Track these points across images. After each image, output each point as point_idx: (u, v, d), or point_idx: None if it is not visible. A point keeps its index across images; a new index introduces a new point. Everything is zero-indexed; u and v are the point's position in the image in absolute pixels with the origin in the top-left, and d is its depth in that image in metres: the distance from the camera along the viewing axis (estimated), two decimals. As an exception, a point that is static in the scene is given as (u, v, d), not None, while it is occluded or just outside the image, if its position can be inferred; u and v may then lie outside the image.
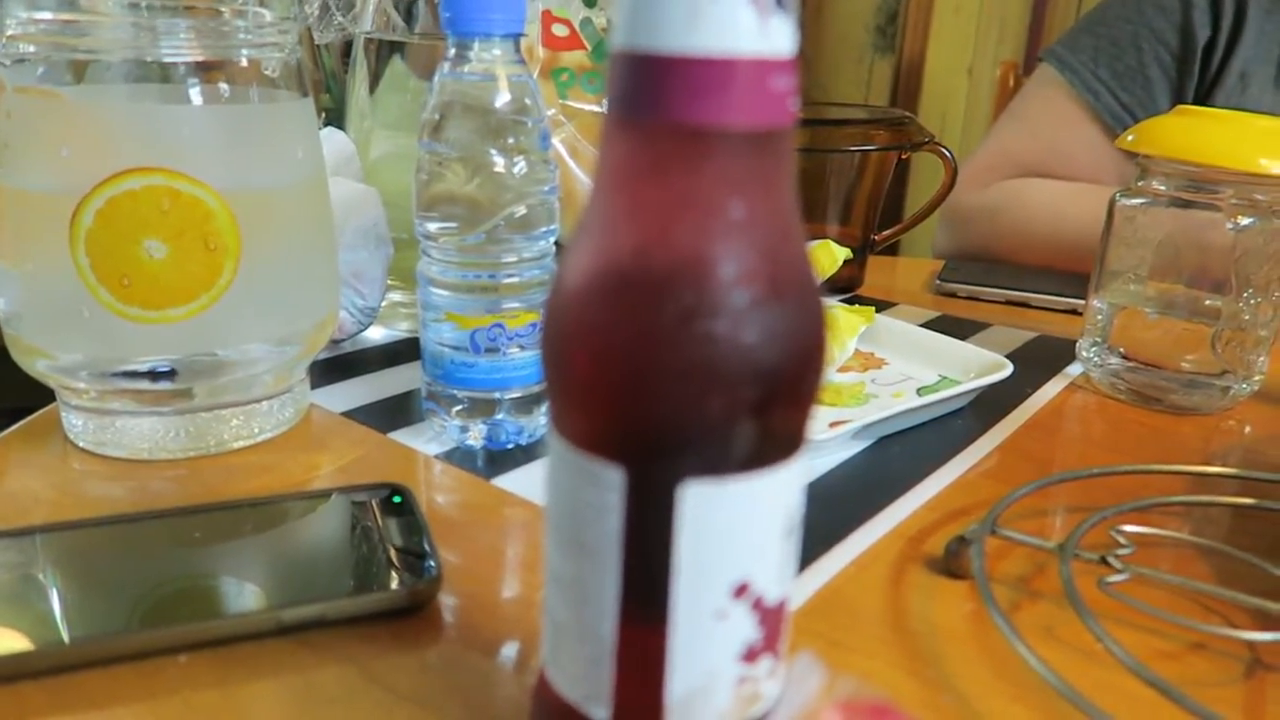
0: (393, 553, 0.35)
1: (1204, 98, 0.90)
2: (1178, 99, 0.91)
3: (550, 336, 0.22)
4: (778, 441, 0.21)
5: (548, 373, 0.23)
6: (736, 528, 0.21)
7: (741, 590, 0.22)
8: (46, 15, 0.39)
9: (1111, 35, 0.92)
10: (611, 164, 0.21)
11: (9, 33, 0.39)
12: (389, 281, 0.59)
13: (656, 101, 0.20)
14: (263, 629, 0.31)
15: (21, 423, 0.48)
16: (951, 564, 0.37)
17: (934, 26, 1.81)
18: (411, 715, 0.29)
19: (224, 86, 0.42)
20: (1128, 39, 0.91)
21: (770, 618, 0.23)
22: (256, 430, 0.46)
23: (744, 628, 0.22)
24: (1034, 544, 0.36)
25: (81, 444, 0.44)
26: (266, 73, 0.44)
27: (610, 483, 0.21)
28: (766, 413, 0.21)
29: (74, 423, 0.44)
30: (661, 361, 0.20)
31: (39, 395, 0.47)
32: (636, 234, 0.21)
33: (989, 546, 0.38)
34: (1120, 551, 0.35)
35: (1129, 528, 0.37)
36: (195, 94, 0.41)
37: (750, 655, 0.23)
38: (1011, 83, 1.27)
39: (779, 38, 0.20)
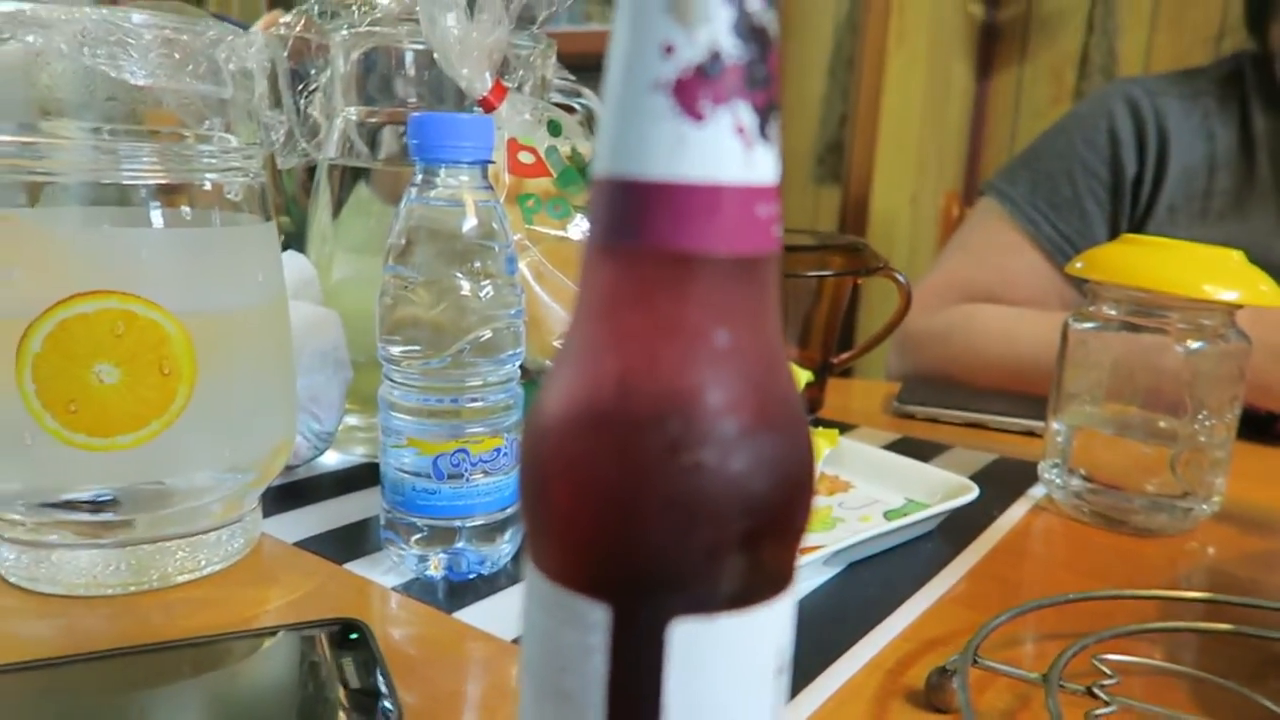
0: (347, 698, 0.33)
1: (1136, 228, 0.94)
2: (1113, 228, 0.95)
3: (530, 467, 0.21)
4: (770, 575, 0.20)
5: (526, 505, 0.22)
6: (729, 668, 0.20)
7: (733, 737, 0.20)
8: (5, 137, 0.39)
9: (1047, 170, 0.97)
10: (594, 290, 0.21)
11: (-35, 155, 0.38)
12: (346, 405, 0.57)
13: (641, 228, 0.20)
14: (205, 785, 0.29)
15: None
16: (934, 697, 0.36)
17: (877, 156, 1.88)
18: None
19: (185, 209, 0.42)
20: (1062, 173, 0.96)
21: (763, 766, 0.21)
22: (203, 563, 0.44)
23: (736, 778, 0.21)
24: (1018, 675, 0.35)
25: (13, 579, 0.42)
26: (229, 196, 0.44)
27: (595, 622, 0.20)
28: (758, 545, 0.20)
29: (6, 556, 0.42)
30: (649, 494, 0.19)
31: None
32: (620, 362, 0.20)
33: (969, 677, 0.37)
34: (1105, 682, 0.34)
35: (1111, 656, 0.36)
36: (155, 216, 0.41)
37: (742, 808, 0.21)
38: (956, 212, 1.31)
39: (763, 166, 0.20)
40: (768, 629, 0.21)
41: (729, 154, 0.19)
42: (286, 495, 0.53)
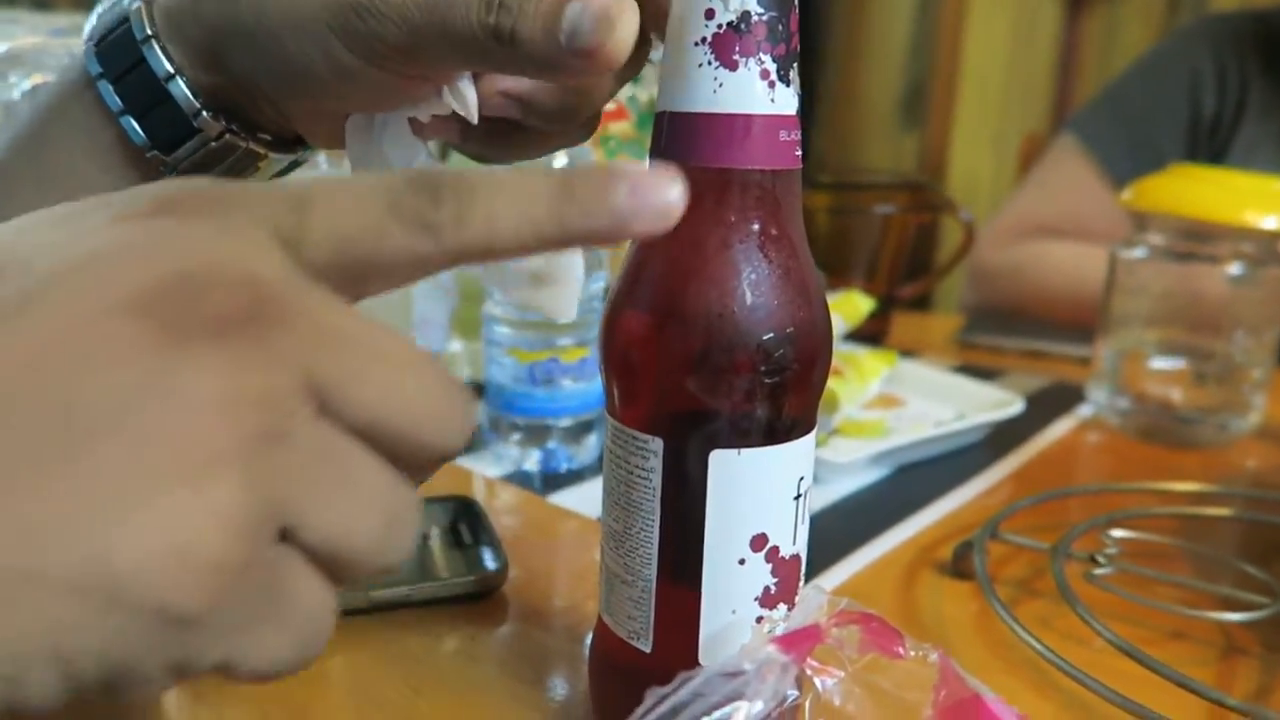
0: (465, 549, 0.41)
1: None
2: None
3: (607, 336, 0.28)
4: (789, 419, 0.27)
5: (605, 368, 0.28)
6: (755, 490, 0.26)
7: (759, 542, 0.27)
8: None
9: (1127, 108, 0.98)
10: (655, 200, 0.27)
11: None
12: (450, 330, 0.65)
13: (691, 148, 0.26)
14: (355, 605, 0.36)
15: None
16: (959, 566, 0.42)
17: (960, 100, 1.88)
18: (485, 673, 0.34)
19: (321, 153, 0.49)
20: (1142, 112, 0.97)
21: (784, 568, 0.27)
22: (338, 455, 0.52)
23: (762, 574, 0.27)
24: (1031, 545, 0.41)
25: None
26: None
27: (653, 451, 0.26)
28: (779, 393, 0.26)
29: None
30: (695, 352, 0.26)
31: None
32: (675, 254, 0.26)
33: (994, 553, 0.42)
34: (1108, 551, 0.39)
35: (1116, 533, 0.41)
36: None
37: (768, 600, 0.27)
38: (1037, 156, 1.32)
39: (785, 102, 0.25)
40: (788, 462, 0.27)
41: (756, 92, 0.25)
42: (403, 405, 0.61)
